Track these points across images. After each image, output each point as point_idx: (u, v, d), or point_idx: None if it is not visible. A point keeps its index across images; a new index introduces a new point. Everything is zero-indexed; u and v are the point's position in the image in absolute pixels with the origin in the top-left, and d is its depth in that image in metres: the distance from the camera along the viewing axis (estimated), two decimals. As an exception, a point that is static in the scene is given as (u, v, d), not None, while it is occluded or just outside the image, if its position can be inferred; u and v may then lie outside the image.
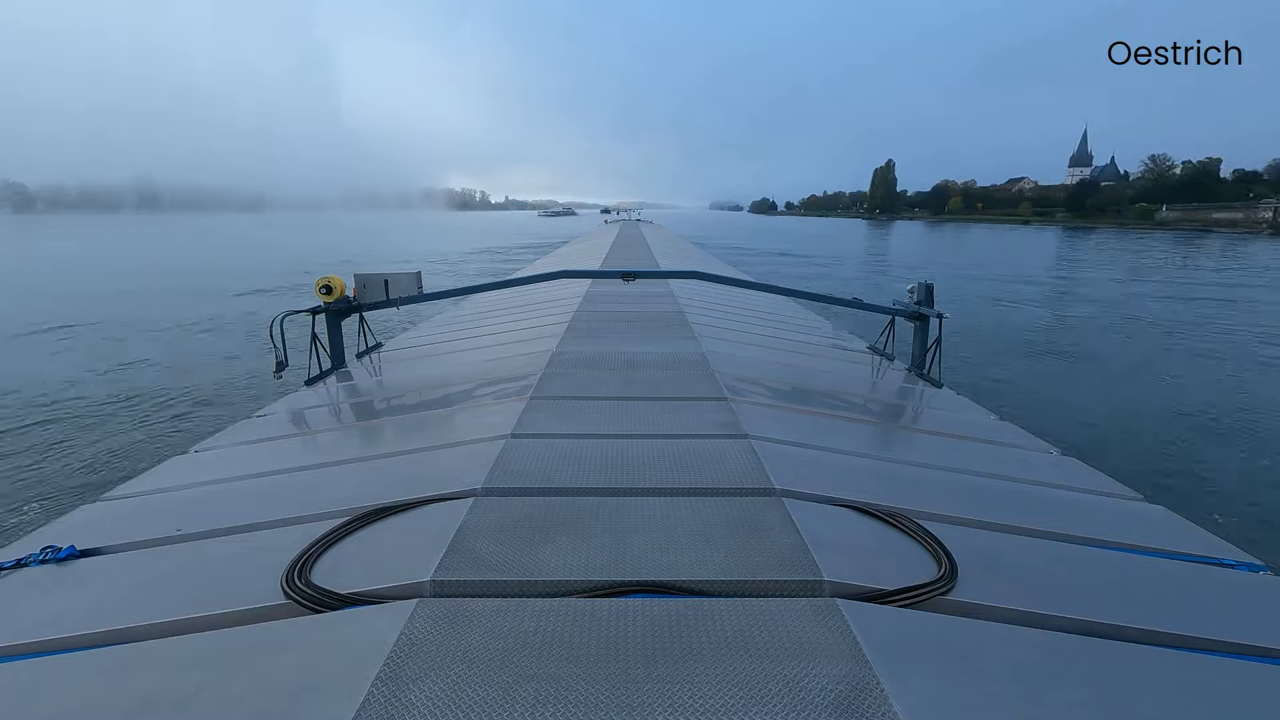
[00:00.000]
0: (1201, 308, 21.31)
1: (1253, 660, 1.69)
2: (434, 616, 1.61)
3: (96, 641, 1.69)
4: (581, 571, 1.85)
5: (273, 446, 3.49)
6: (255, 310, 18.26)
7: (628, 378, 4.22)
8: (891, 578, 1.87)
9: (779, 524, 2.13)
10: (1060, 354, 14.60)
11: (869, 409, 4.45)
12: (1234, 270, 35.08)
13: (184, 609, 1.78)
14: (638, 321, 6.58)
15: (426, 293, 6.05)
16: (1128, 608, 1.86)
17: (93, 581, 2.04)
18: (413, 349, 6.39)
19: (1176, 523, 2.68)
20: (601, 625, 1.59)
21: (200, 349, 14.02)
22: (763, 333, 6.82)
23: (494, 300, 9.34)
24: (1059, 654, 1.61)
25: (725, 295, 9.04)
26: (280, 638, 1.61)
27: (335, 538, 2.09)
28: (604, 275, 8.54)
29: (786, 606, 1.68)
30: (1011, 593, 1.87)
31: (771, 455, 2.80)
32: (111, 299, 20.67)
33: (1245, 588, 2.11)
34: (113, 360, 12.77)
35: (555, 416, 3.35)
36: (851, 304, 6.47)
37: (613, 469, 2.63)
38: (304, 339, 5.40)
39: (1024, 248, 55.76)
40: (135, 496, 2.85)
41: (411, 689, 1.36)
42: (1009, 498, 2.76)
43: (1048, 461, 3.44)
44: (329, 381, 5.16)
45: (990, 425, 4.12)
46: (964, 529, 2.31)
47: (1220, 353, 14.64)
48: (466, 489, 2.40)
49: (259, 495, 2.70)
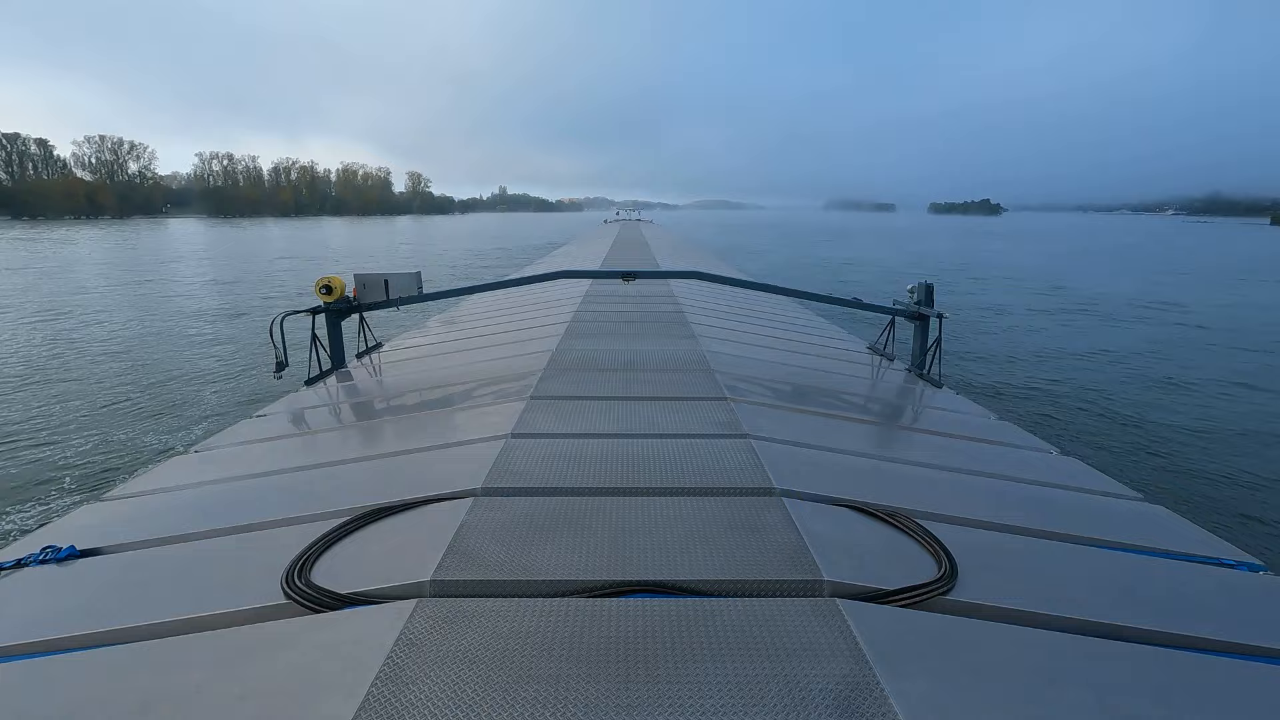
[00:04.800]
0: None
1: (1253, 660, 1.69)
2: (433, 616, 1.61)
3: (96, 641, 1.69)
4: (581, 571, 1.85)
5: (273, 446, 3.49)
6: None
7: (627, 378, 4.22)
8: (891, 578, 1.87)
9: (779, 524, 2.13)
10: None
11: (869, 409, 4.45)
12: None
13: (184, 609, 1.78)
14: (637, 321, 6.59)
15: (426, 293, 6.06)
16: (1128, 608, 1.86)
17: (93, 581, 2.04)
18: (413, 349, 6.39)
19: (1176, 523, 2.67)
20: (601, 625, 1.59)
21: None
22: (763, 333, 6.82)
23: (494, 300, 9.34)
24: (1059, 654, 1.61)
25: (725, 295, 9.04)
26: (280, 638, 1.61)
27: (335, 538, 2.09)
28: (604, 275, 8.54)
29: (786, 606, 1.68)
30: (1011, 593, 1.87)
31: (771, 455, 2.80)
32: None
33: (1245, 588, 2.11)
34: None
35: (555, 416, 3.35)
36: (851, 304, 6.47)
37: (612, 469, 2.63)
38: (304, 339, 5.40)
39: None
40: (135, 496, 2.85)
41: (411, 689, 1.36)
42: (1009, 498, 2.76)
43: (1048, 461, 3.44)
44: (329, 382, 5.16)
45: (990, 425, 4.12)
46: (964, 529, 2.31)
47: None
48: (466, 489, 2.40)
49: (259, 495, 2.70)
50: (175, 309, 19.07)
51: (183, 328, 16.23)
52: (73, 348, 13.79)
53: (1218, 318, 18.97)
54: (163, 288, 24.01)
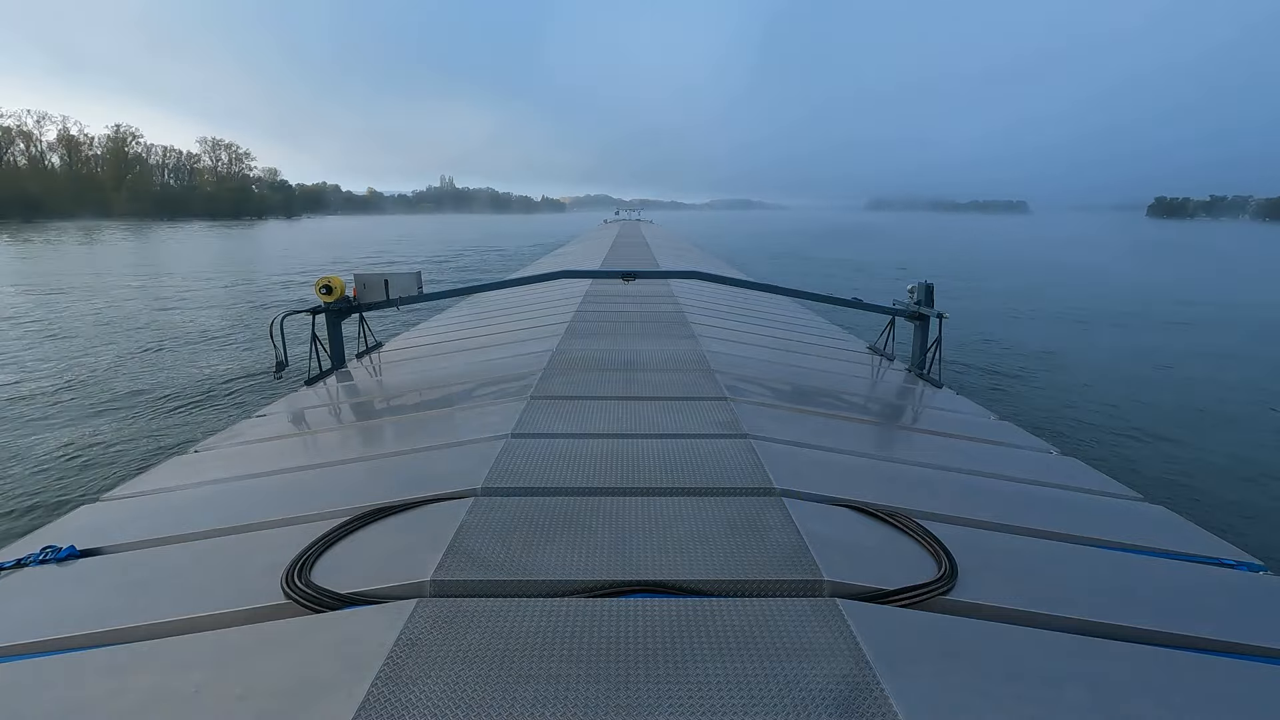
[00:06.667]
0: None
1: (1253, 660, 1.69)
2: (433, 616, 1.61)
3: (96, 641, 1.69)
4: (581, 571, 1.85)
5: (273, 446, 3.49)
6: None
7: (628, 378, 4.22)
8: (891, 577, 1.87)
9: (779, 524, 2.13)
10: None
11: (869, 409, 4.45)
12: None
13: (184, 609, 1.78)
14: (638, 321, 6.59)
15: (426, 293, 6.06)
16: (1127, 608, 1.86)
17: (93, 581, 2.04)
18: (413, 349, 6.39)
19: (1176, 523, 2.67)
20: (601, 625, 1.59)
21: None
22: (763, 333, 6.82)
23: (494, 300, 9.34)
24: (1059, 654, 1.61)
25: (725, 295, 9.04)
26: (280, 638, 1.61)
27: (335, 538, 2.09)
28: (604, 275, 8.54)
29: (786, 606, 1.68)
30: (1011, 592, 1.87)
31: (771, 455, 2.80)
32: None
33: (1245, 588, 2.11)
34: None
35: (555, 416, 3.35)
36: (851, 304, 6.47)
37: (612, 469, 2.63)
38: (305, 339, 5.40)
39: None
40: (135, 496, 2.85)
41: (411, 689, 1.36)
42: (1009, 498, 2.76)
43: (1048, 461, 3.44)
44: (329, 381, 5.16)
45: (990, 425, 4.12)
46: (964, 529, 2.31)
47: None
48: (466, 489, 2.40)
49: (259, 495, 2.70)
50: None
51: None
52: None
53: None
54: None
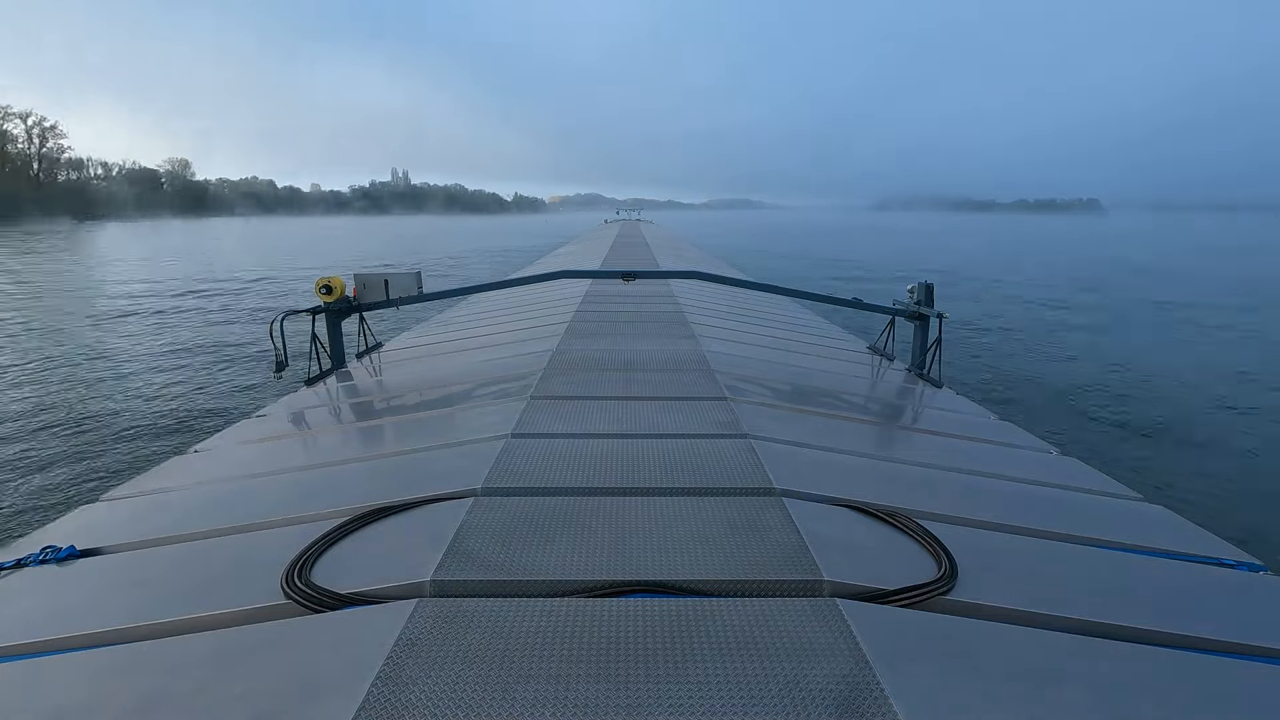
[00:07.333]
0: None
1: (1253, 660, 1.69)
2: (434, 616, 1.61)
3: (96, 641, 1.69)
4: (581, 571, 1.85)
5: (273, 446, 3.49)
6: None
7: (628, 378, 4.22)
8: (891, 578, 1.87)
9: (779, 524, 2.13)
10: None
11: (869, 409, 4.45)
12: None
13: (184, 609, 1.78)
14: (638, 321, 6.58)
15: (426, 293, 6.06)
16: (1127, 608, 1.86)
17: (93, 581, 2.04)
18: (413, 349, 6.39)
19: (1176, 523, 2.67)
20: (601, 625, 1.59)
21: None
22: (763, 333, 6.82)
23: (494, 300, 9.34)
24: (1059, 654, 1.61)
25: (725, 295, 9.04)
26: (280, 638, 1.61)
27: (335, 538, 2.09)
28: (604, 275, 8.54)
29: (786, 606, 1.68)
30: (1011, 592, 1.87)
31: (771, 455, 2.80)
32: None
33: (1245, 588, 2.11)
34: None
35: (555, 416, 3.35)
36: (851, 304, 6.47)
37: (613, 469, 2.63)
38: (305, 339, 5.41)
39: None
40: (135, 496, 2.85)
41: (411, 689, 1.36)
42: (1009, 498, 2.76)
43: (1048, 461, 3.44)
44: (329, 381, 5.16)
45: (990, 425, 4.12)
46: (964, 529, 2.31)
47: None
48: (466, 489, 2.40)
49: (259, 495, 2.70)
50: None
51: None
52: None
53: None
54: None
